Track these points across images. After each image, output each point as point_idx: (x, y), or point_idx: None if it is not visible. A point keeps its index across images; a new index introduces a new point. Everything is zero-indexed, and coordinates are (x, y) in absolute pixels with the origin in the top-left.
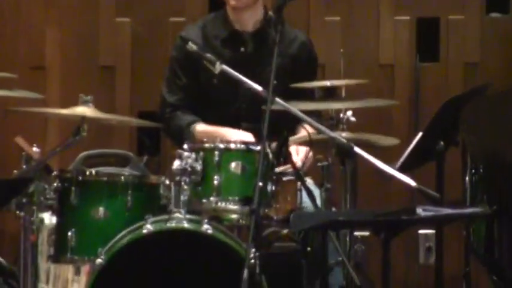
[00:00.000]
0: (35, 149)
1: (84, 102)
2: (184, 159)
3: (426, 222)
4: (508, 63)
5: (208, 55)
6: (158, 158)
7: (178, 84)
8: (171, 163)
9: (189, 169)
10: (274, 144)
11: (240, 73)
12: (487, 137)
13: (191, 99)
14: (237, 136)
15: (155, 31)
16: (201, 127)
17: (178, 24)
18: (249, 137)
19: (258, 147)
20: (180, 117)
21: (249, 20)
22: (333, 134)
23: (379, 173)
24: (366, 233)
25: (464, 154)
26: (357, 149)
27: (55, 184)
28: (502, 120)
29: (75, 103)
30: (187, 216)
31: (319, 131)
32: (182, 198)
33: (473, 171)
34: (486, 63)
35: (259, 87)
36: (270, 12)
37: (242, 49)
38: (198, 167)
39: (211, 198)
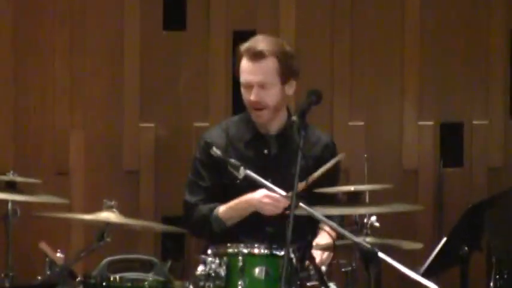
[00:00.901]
0: (59, 254)
1: (108, 208)
2: (208, 265)
3: None
4: None
5: (232, 160)
6: (182, 263)
7: (201, 185)
8: (196, 268)
9: (213, 274)
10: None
11: (264, 175)
12: (510, 240)
13: (213, 200)
14: (258, 194)
15: (179, 136)
16: (223, 207)
17: (202, 129)
18: (266, 191)
19: (282, 252)
20: (201, 208)
21: (273, 124)
22: (357, 239)
23: (403, 278)
24: None
25: (489, 259)
26: (380, 254)
27: None
28: None
29: (100, 208)
30: None
31: (343, 236)
32: None
33: (497, 276)
34: (510, 168)
35: (282, 192)
36: (294, 117)
37: (266, 151)
38: (222, 272)
39: None
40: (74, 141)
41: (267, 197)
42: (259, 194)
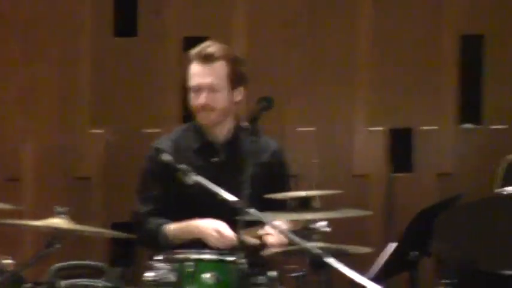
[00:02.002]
0: (9, 260)
1: (59, 214)
2: (158, 271)
3: None
4: (481, 173)
5: (182, 166)
6: (132, 269)
7: (150, 195)
8: (145, 274)
9: (163, 280)
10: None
11: (213, 183)
12: (461, 246)
13: (164, 209)
14: (210, 225)
15: (130, 142)
16: (172, 226)
17: (152, 135)
18: (220, 224)
19: (232, 258)
20: (151, 221)
21: (221, 131)
22: (307, 245)
23: (353, 283)
24: None
25: (438, 264)
26: (330, 259)
27: None
28: (475, 230)
29: (51, 214)
30: None
31: (292, 242)
32: None
33: (446, 281)
34: (459, 174)
35: (233, 197)
36: (245, 123)
37: (214, 159)
38: (172, 278)
39: None
40: (25, 148)
41: (216, 231)
42: (210, 226)
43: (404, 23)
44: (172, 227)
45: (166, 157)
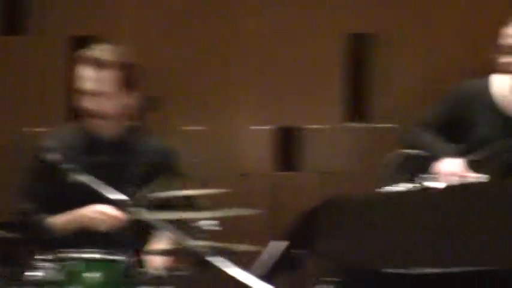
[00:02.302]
0: None
1: None
2: (42, 270)
3: None
4: (366, 172)
5: (68, 165)
6: (16, 269)
7: (34, 193)
8: (29, 273)
9: (47, 279)
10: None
11: (101, 182)
12: (344, 245)
13: (49, 208)
14: (93, 209)
15: (14, 141)
16: (55, 219)
17: (36, 134)
18: (103, 207)
19: (118, 257)
20: (35, 218)
21: (108, 131)
22: (193, 244)
23: (238, 282)
24: None
25: (322, 262)
26: (215, 258)
27: None
28: (358, 228)
29: None
30: None
31: (178, 241)
32: None
33: (331, 279)
34: (343, 172)
35: (120, 197)
36: (132, 123)
37: (100, 158)
38: (57, 277)
39: None
40: None
41: (101, 213)
42: (94, 209)
43: (289, 21)
44: (57, 220)
45: (51, 156)
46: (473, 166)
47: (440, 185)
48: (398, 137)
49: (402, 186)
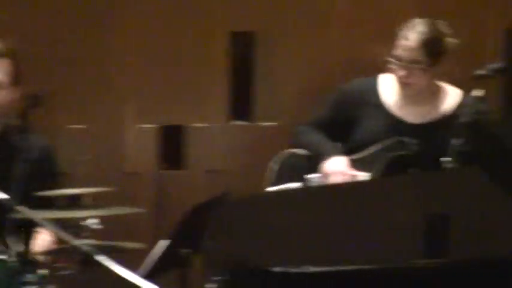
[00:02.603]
0: None
1: None
2: None
3: None
4: (251, 170)
5: None
6: None
7: None
8: None
9: None
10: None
11: None
12: (231, 243)
13: None
14: None
15: None
16: None
17: None
18: None
19: (3, 257)
20: None
21: None
22: (77, 242)
23: (124, 280)
24: None
25: (209, 260)
26: (100, 257)
27: None
28: (245, 227)
29: None
30: None
31: (63, 240)
32: None
33: (218, 277)
34: (230, 171)
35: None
36: (13, 120)
37: None
38: None
39: None
40: None
41: None
42: None
43: (173, 19)
44: None
45: None
46: (358, 165)
47: (325, 183)
48: (288, 136)
49: (289, 185)
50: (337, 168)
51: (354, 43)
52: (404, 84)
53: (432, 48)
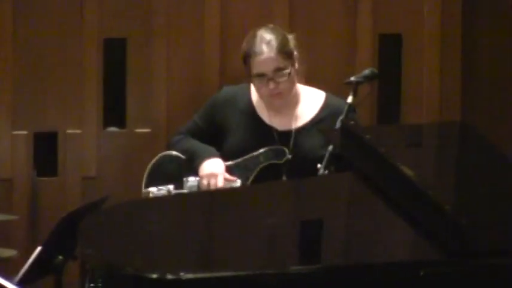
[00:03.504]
0: None
1: None
2: None
3: None
4: (125, 176)
5: None
6: None
7: None
8: None
9: None
10: None
11: None
12: (107, 249)
13: None
14: None
15: None
16: None
17: None
18: None
19: None
20: None
21: None
22: None
23: None
24: None
25: (84, 267)
26: None
27: None
28: (121, 232)
29: None
30: None
31: None
32: None
33: (92, 284)
34: (104, 177)
35: None
36: None
37: None
38: None
39: None
40: None
41: None
42: None
43: (48, 25)
44: None
45: None
46: (231, 172)
47: (201, 189)
48: (162, 142)
49: (165, 190)
50: (214, 170)
51: (225, 50)
52: (274, 96)
53: (286, 50)
